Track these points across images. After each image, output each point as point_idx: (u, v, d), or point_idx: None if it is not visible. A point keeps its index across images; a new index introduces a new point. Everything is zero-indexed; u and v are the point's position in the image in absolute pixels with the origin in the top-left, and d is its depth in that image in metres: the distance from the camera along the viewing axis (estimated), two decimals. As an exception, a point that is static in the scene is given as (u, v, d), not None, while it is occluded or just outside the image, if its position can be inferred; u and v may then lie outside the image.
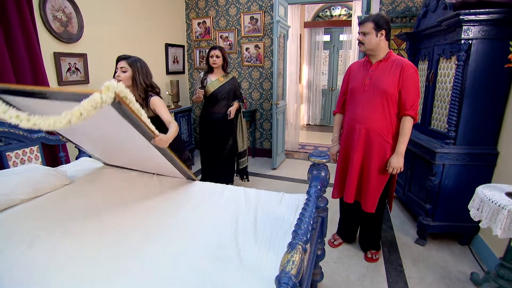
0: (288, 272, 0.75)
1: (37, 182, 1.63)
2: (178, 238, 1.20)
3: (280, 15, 3.44)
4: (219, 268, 1.02)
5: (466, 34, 1.81)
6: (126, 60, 1.75)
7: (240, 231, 1.25)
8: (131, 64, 1.75)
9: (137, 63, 1.77)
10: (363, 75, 1.83)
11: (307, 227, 0.97)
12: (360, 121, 1.82)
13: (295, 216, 1.37)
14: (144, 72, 1.80)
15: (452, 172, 2.02)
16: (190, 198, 1.59)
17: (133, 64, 1.76)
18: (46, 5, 2.37)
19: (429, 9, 2.31)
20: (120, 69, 1.75)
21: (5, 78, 1.98)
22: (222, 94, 2.68)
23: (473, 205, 1.54)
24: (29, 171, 1.70)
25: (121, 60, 1.76)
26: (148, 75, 1.83)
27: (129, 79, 1.76)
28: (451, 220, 2.11)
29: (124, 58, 1.76)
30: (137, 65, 1.77)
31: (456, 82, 1.90)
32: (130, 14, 3.25)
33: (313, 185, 1.32)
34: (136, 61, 1.78)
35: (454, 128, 1.96)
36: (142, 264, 1.06)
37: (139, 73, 1.76)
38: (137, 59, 1.80)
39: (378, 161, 1.82)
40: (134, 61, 1.77)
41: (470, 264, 1.97)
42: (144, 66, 1.82)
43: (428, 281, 1.81)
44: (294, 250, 0.84)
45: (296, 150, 4.67)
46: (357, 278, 1.84)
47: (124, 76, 1.74)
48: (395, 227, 2.43)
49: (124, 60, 1.75)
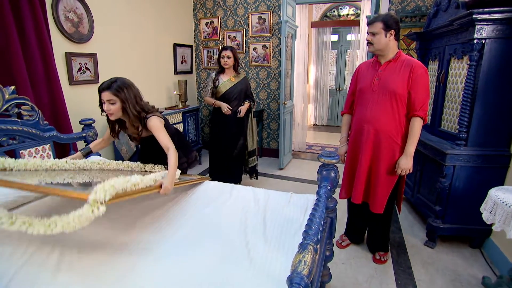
0: (300, 272, 0.75)
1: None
2: (187, 238, 1.21)
3: (288, 15, 3.43)
4: (229, 267, 1.03)
5: (479, 33, 1.78)
6: (109, 90, 1.48)
7: (249, 231, 1.25)
8: (117, 94, 1.49)
9: (123, 91, 1.51)
10: (372, 76, 1.82)
11: (318, 228, 0.97)
12: (368, 121, 1.81)
13: (304, 216, 1.36)
14: (133, 98, 1.55)
15: (463, 173, 1.99)
16: (198, 197, 1.60)
17: (119, 93, 1.50)
18: (59, 6, 2.41)
19: (440, 8, 2.28)
20: (107, 102, 1.51)
21: (19, 78, 2.02)
22: (233, 94, 2.71)
23: (485, 208, 1.51)
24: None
25: (104, 91, 1.49)
26: (138, 99, 1.59)
27: (120, 110, 1.54)
28: (461, 222, 2.07)
29: (108, 87, 1.49)
30: (124, 94, 1.51)
31: (468, 82, 1.87)
32: (139, 14, 3.28)
33: (323, 185, 1.31)
34: (121, 88, 1.51)
35: (465, 129, 1.93)
36: (152, 261, 1.07)
37: (128, 103, 1.52)
38: (121, 85, 1.51)
39: (386, 162, 1.80)
40: (119, 89, 1.50)
41: (481, 267, 1.93)
42: (131, 90, 1.56)
43: (438, 284, 1.79)
44: (306, 250, 0.84)
45: (303, 151, 4.66)
46: (365, 280, 1.83)
47: (114, 109, 1.51)
48: (404, 228, 2.41)
49: (108, 90, 1.48)
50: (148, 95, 3.46)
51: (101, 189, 0.95)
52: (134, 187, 1.12)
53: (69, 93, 2.51)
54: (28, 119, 1.92)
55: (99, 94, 1.53)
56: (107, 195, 0.95)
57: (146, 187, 1.21)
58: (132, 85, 1.58)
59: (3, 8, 1.93)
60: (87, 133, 2.31)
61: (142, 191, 1.17)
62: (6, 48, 1.97)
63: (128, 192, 1.08)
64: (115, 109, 1.51)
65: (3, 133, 1.77)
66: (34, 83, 2.16)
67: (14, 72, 2.01)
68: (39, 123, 1.99)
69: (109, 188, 0.97)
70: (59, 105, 2.35)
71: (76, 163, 1.62)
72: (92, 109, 2.81)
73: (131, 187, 1.09)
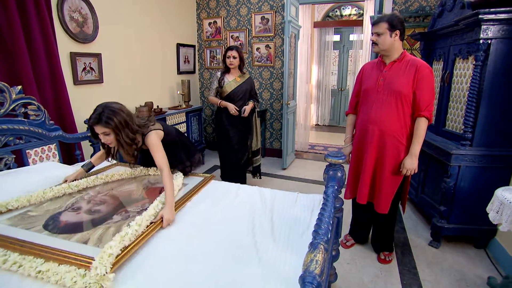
0: (312, 271, 0.75)
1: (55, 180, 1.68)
2: (196, 237, 1.21)
3: (291, 15, 3.43)
4: (239, 267, 1.03)
5: (485, 33, 1.78)
6: (100, 123, 1.43)
7: (257, 231, 1.25)
8: (108, 126, 1.44)
9: (112, 120, 1.43)
10: (376, 76, 1.82)
11: (327, 227, 0.97)
12: (373, 122, 1.81)
13: (311, 216, 1.37)
14: (124, 126, 1.48)
15: (468, 174, 1.99)
16: (205, 197, 1.60)
17: (110, 124, 1.43)
18: (64, 6, 2.42)
19: (445, 8, 2.28)
20: (101, 134, 1.47)
21: (24, 78, 2.03)
22: (239, 94, 2.71)
23: (492, 208, 1.52)
24: (49, 169, 1.74)
25: (95, 125, 1.45)
26: (130, 125, 1.51)
27: (115, 140, 1.50)
28: (466, 222, 2.07)
29: (98, 121, 1.43)
30: (114, 122, 1.44)
31: (473, 82, 1.87)
32: (143, 14, 3.29)
33: (330, 185, 1.31)
34: (110, 118, 1.43)
35: (470, 130, 1.93)
36: (161, 261, 1.07)
37: (121, 133, 1.47)
38: (109, 114, 1.44)
39: (391, 162, 1.80)
40: (108, 120, 1.43)
41: (486, 268, 1.93)
42: (120, 115, 1.47)
43: (443, 284, 1.79)
44: (317, 249, 0.84)
45: (305, 151, 4.66)
46: (370, 280, 1.83)
47: (110, 139, 1.49)
48: (408, 229, 2.41)
49: (99, 124, 1.44)
50: (151, 95, 3.48)
51: (100, 263, 0.94)
52: (134, 237, 1.12)
53: (73, 93, 2.52)
54: (35, 119, 1.93)
55: (90, 129, 1.50)
56: (107, 267, 0.94)
57: (147, 227, 1.21)
58: (121, 110, 1.50)
59: (9, 9, 1.94)
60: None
61: (145, 234, 1.18)
62: (12, 49, 1.98)
63: (130, 244, 1.09)
64: (111, 140, 1.49)
65: (10, 133, 1.77)
66: (40, 83, 2.17)
67: (20, 72, 2.02)
68: (45, 122, 1.99)
69: (107, 259, 0.96)
70: (64, 105, 2.36)
71: (79, 184, 1.63)
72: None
73: (129, 239, 1.09)
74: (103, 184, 1.75)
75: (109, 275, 0.93)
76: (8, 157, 1.78)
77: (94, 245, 1.12)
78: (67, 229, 1.24)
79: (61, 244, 1.11)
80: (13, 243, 1.10)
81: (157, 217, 1.29)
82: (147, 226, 1.22)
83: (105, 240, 1.15)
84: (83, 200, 1.52)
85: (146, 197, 1.58)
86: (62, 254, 1.04)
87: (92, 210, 1.42)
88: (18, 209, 1.40)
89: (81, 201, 1.52)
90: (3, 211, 1.35)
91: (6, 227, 1.25)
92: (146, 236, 1.18)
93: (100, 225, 1.28)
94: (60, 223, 1.29)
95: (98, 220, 1.32)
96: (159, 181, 1.81)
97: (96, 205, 1.48)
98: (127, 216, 1.36)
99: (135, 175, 1.88)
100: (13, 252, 1.05)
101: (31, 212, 1.38)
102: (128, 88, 3.18)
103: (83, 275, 0.93)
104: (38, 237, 1.16)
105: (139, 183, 1.78)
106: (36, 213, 1.38)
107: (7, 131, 1.75)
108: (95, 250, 1.07)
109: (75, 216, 1.36)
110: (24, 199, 1.42)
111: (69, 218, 1.33)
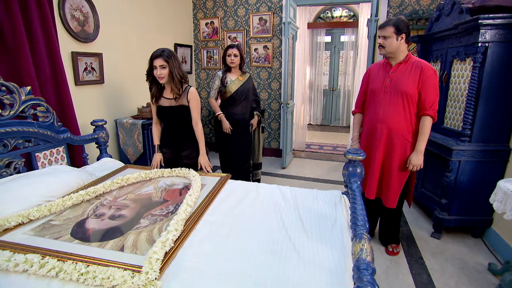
0: (365, 259, 0.81)
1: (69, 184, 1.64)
2: (229, 236, 1.23)
3: (290, 17, 3.49)
4: (280, 262, 1.06)
5: (483, 37, 1.91)
6: (162, 57, 1.78)
7: (288, 226, 1.29)
8: (168, 60, 1.79)
9: (171, 58, 1.81)
10: (383, 77, 1.91)
11: (364, 218, 1.03)
12: (381, 121, 1.89)
13: (336, 211, 1.42)
14: (177, 65, 1.85)
15: (467, 168, 2.12)
16: (227, 196, 1.62)
17: (169, 60, 1.80)
18: (65, 5, 2.36)
19: (442, 12, 2.41)
20: (159, 66, 1.79)
21: (27, 78, 1.96)
22: (243, 94, 2.67)
23: (495, 199, 1.64)
24: (64, 172, 1.70)
25: (157, 58, 1.79)
26: (180, 66, 1.89)
27: (168, 75, 1.83)
28: (465, 214, 2.21)
29: (160, 55, 1.79)
30: (172, 60, 1.81)
31: (472, 83, 2.00)
32: (143, 14, 3.25)
33: (353, 180, 1.38)
34: (170, 56, 1.81)
35: (469, 126, 2.06)
36: (200, 261, 1.08)
37: (175, 68, 1.82)
38: (169, 54, 1.82)
39: (399, 158, 1.89)
40: (168, 57, 1.80)
41: (485, 255, 2.07)
42: (176, 58, 1.86)
43: (449, 272, 1.90)
44: (362, 239, 0.89)
45: (302, 150, 4.75)
46: (382, 271, 1.91)
47: (165, 73, 1.81)
48: (410, 222, 2.53)
49: (161, 57, 1.78)
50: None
51: (150, 268, 0.94)
52: (176, 231, 1.17)
53: (75, 94, 2.45)
54: (43, 121, 1.88)
55: (151, 62, 1.83)
56: (157, 272, 0.95)
57: (187, 215, 1.32)
58: (177, 56, 1.89)
59: (12, 8, 1.87)
60: (99, 134, 2.27)
61: (183, 238, 1.19)
62: (15, 48, 1.92)
63: (171, 249, 1.09)
64: (166, 73, 1.81)
65: (20, 135, 1.72)
66: (42, 84, 2.11)
67: (22, 72, 1.95)
68: (53, 124, 1.94)
69: (156, 263, 0.97)
70: (67, 106, 2.30)
71: (96, 190, 1.61)
72: (98, 110, 2.76)
73: (170, 245, 1.09)
74: (118, 188, 1.73)
75: (157, 282, 0.92)
76: (18, 160, 1.72)
77: (131, 252, 1.11)
78: (97, 237, 1.22)
79: (98, 252, 1.09)
80: (46, 254, 1.06)
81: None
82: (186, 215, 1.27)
83: (140, 246, 1.14)
84: (103, 206, 1.50)
85: (167, 199, 1.59)
86: (103, 263, 1.02)
87: (116, 215, 1.41)
88: (39, 219, 1.35)
89: (101, 207, 1.49)
90: (25, 222, 1.31)
91: (33, 237, 1.21)
92: (185, 239, 1.18)
93: (130, 230, 1.26)
94: (88, 231, 1.27)
95: (126, 226, 1.31)
96: (175, 182, 1.82)
97: (118, 210, 1.46)
98: (154, 220, 1.36)
99: (150, 176, 1.87)
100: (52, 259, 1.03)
101: (53, 221, 1.35)
102: (129, 89, 3.13)
103: (132, 276, 0.93)
104: (72, 247, 1.13)
105: (155, 185, 1.78)
106: (58, 222, 1.34)
107: (17, 134, 1.69)
108: (134, 257, 1.06)
109: (100, 222, 1.34)
110: (45, 209, 1.38)
111: (95, 225, 1.31)
